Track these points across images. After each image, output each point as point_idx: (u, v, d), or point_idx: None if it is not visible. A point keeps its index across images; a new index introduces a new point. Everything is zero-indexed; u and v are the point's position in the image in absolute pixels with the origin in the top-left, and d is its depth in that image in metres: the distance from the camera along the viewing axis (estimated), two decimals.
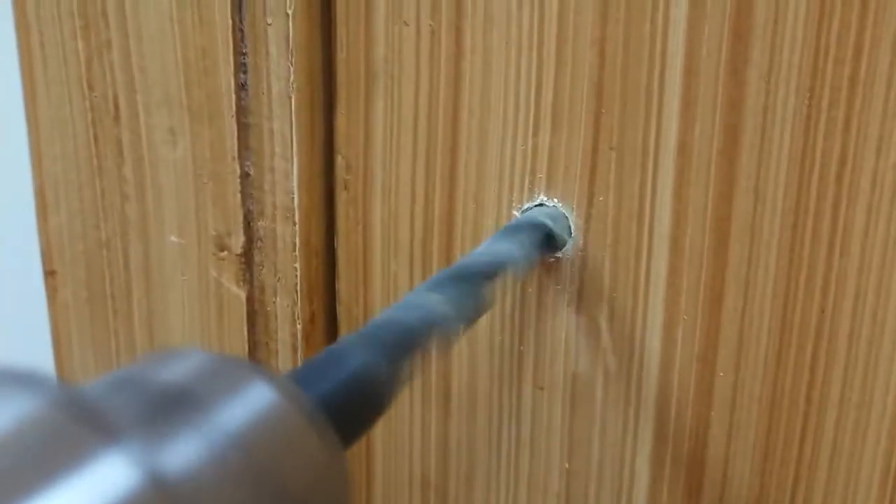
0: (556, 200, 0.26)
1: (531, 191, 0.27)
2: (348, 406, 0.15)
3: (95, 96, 0.30)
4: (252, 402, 0.13)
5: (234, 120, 0.29)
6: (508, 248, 0.24)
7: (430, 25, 0.27)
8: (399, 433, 0.31)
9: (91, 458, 0.10)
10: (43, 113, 0.30)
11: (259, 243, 0.30)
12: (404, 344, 0.17)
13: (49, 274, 0.32)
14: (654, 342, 0.26)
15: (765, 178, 0.23)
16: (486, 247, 0.24)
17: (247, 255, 0.30)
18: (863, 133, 0.22)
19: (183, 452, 0.12)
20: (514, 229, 0.25)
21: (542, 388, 0.28)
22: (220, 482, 0.12)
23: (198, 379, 0.13)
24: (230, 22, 0.28)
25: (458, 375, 0.30)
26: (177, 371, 0.13)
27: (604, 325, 0.27)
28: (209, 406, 0.12)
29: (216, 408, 0.12)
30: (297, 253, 0.30)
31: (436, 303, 0.19)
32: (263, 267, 0.30)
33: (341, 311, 0.31)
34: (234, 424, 0.12)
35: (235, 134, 0.29)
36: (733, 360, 0.25)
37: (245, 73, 0.28)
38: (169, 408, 0.12)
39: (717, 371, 0.26)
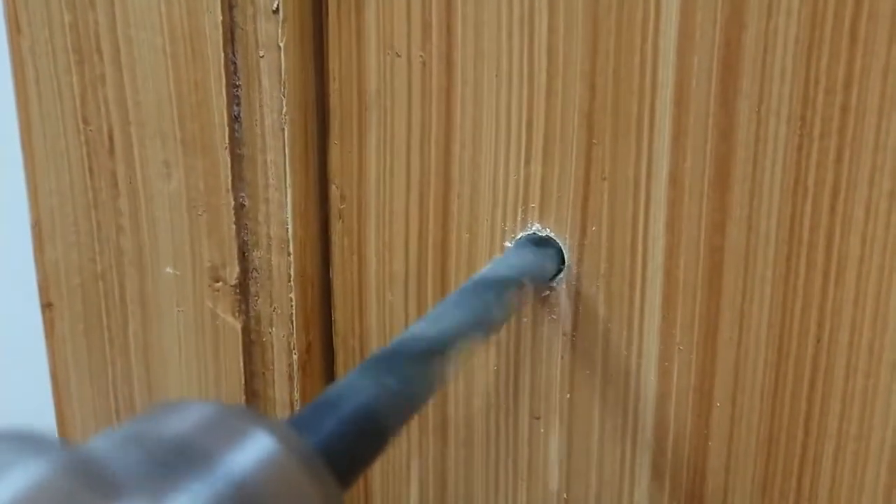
0: (548, 230, 0.26)
1: (524, 221, 0.27)
2: (348, 447, 0.15)
3: (90, 130, 0.30)
4: (253, 451, 0.13)
5: (227, 152, 0.29)
6: (512, 270, 0.24)
7: (421, 57, 0.27)
8: (397, 463, 0.31)
9: None
10: (39, 146, 0.31)
11: (254, 274, 0.30)
12: (405, 379, 0.17)
13: (46, 306, 0.32)
14: (650, 373, 0.26)
15: (757, 209, 0.23)
16: (489, 270, 0.24)
17: (242, 286, 0.30)
18: (855, 162, 0.22)
19: (186, 502, 0.12)
20: (518, 251, 0.25)
21: (538, 418, 0.28)
22: None
23: (200, 431, 0.13)
24: (222, 55, 0.28)
25: (454, 405, 0.30)
26: (179, 424, 0.14)
27: (599, 355, 0.27)
28: (212, 458, 0.13)
29: (218, 458, 0.13)
30: (292, 283, 0.30)
31: (437, 334, 0.19)
32: (259, 297, 0.30)
33: (337, 341, 0.31)
34: (237, 475, 0.13)
35: (229, 166, 0.29)
36: (730, 391, 0.25)
37: (238, 105, 0.28)
38: (173, 462, 0.13)
39: (713, 402, 0.25)
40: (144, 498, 0.12)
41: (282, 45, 0.27)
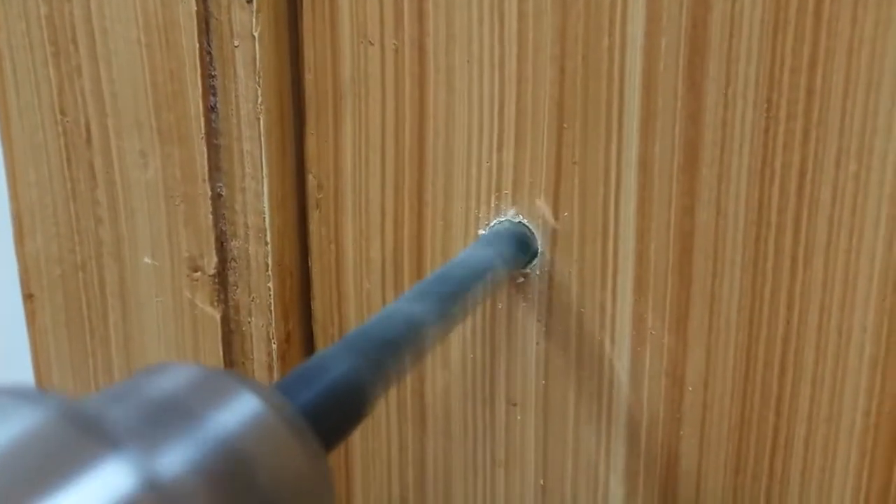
0: (521, 217, 0.26)
1: (497, 208, 0.27)
2: (330, 412, 0.16)
3: (68, 121, 0.30)
4: (239, 410, 0.14)
5: (203, 141, 0.29)
6: (486, 256, 0.24)
7: (395, 44, 0.27)
8: (377, 452, 0.31)
9: (94, 464, 0.11)
10: (17, 139, 0.31)
11: (232, 263, 0.30)
12: (384, 351, 0.18)
13: (27, 297, 0.32)
14: (623, 358, 0.26)
15: (726, 192, 0.23)
16: (464, 256, 0.24)
17: (220, 276, 0.30)
18: (821, 144, 0.22)
19: (177, 458, 0.12)
20: (492, 238, 0.26)
21: (514, 405, 0.28)
22: (210, 485, 0.13)
23: (189, 390, 0.14)
24: (197, 45, 0.28)
25: (432, 393, 0.30)
26: (169, 383, 0.14)
27: (573, 341, 0.27)
28: (200, 415, 0.13)
29: (206, 417, 0.13)
30: (270, 273, 0.30)
31: (415, 311, 0.20)
32: (237, 287, 0.30)
33: (317, 329, 0.31)
34: (223, 432, 0.13)
35: (206, 155, 0.29)
36: (702, 375, 0.25)
37: (214, 95, 0.29)
38: (163, 417, 0.13)
39: (686, 386, 0.25)
40: (138, 448, 0.12)
41: (256, 34, 0.27)
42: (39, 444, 0.11)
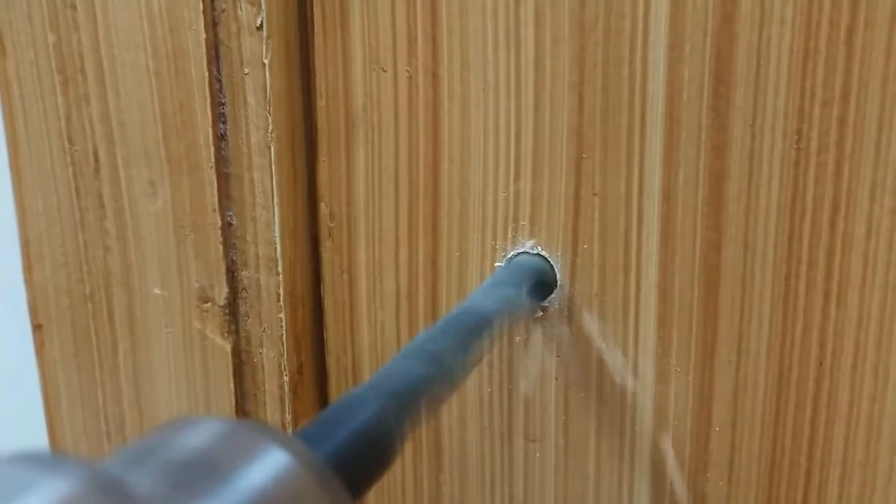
0: (539, 248, 0.25)
1: (514, 239, 0.26)
2: (357, 460, 0.16)
3: (76, 150, 0.30)
4: (266, 466, 0.14)
5: (213, 171, 0.28)
6: (506, 291, 0.23)
7: (408, 71, 0.26)
8: (391, 487, 0.30)
9: None
10: (25, 168, 0.30)
11: (243, 294, 0.30)
12: (409, 393, 0.18)
13: (36, 328, 0.32)
14: (646, 396, 0.25)
15: (754, 227, 0.22)
16: (484, 289, 0.23)
17: (231, 307, 0.30)
18: (855, 177, 0.21)
19: None
20: (510, 270, 0.25)
21: (533, 441, 0.27)
22: None
23: (213, 447, 0.14)
24: (206, 73, 0.27)
25: (447, 427, 0.29)
26: (193, 440, 0.14)
27: (593, 377, 0.26)
28: (226, 473, 0.13)
29: (233, 474, 0.13)
30: (281, 303, 0.29)
31: (438, 349, 0.19)
32: (249, 318, 0.30)
33: (330, 361, 0.31)
34: (251, 490, 0.13)
35: (216, 184, 0.28)
36: (729, 415, 0.24)
37: (224, 123, 0.28)
38: (189, 478, 0.13)
39: (712, 427, 0.24)
40: None
41: (266, 61, 0.27)
42: None
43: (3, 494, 0.11)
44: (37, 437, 0.33)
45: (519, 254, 0.26)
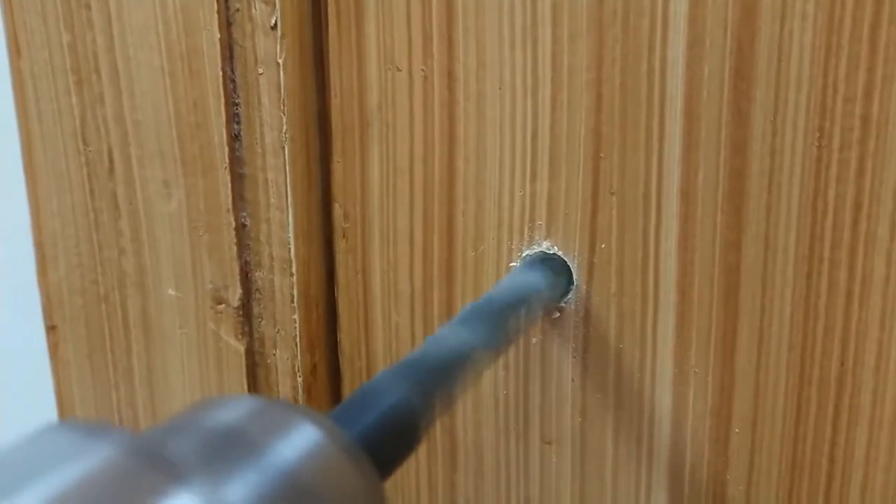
0: (556, 248, 0.25)
1: (531, 239, 0.26)
2: (385, 441, 0.16)
3: (90, 150, 0.29)
4: (299, 441, 0.14)
5: (227, 171, 0.28)
6: (530, 281, 0.23)
7: (423, 71, 0.26)
8: (405, 488, 0.30)
9: (163, 499, 0.12)
10: (40, 168, 0.30)
11: (257, 295, 0.30)
12: (436, 377, 0.18)
13: (50, 329, 0.32)
14: (664, 397, 0.25)
15: (775, 226, 0.22)
16: (511, 278, 0.24)
17: (245, 308, 0.30)
18: (878, 175, 0.21)
19: (242, 489, 0.13)
20: (527, 268, 0.25)
21: (549, 443, 0.27)
22: None
23: (248, 422, 0.14)
24: (220, 73, 0.27)
25: (462, 429, 0.29)
26: (229, 415, 0.14)
27: (611, 378, 0.25)
28: (261, 447, 0.14)
29: (267, 448, 0.14)
30: (295, 304, 0.29)
31: (464, 336, 0.20)
32: (262, 319, 0.30)
33: (344, 362, 0.30)
34: (285, 463, 0.14)
35: (230, 185, 0.28)
36: (749, 416, 0.24)
37: (238, 123, 0.28)
38: (225, 449, 0.13)
39: (732, 427, 0.24)
40: (203, 482, 0.12)
41: (281, 61, 0.27)
42: (110, 480, 0.12)
43: (53, 459, 0.12)
44: None
45: (535, 253, 0.26)
